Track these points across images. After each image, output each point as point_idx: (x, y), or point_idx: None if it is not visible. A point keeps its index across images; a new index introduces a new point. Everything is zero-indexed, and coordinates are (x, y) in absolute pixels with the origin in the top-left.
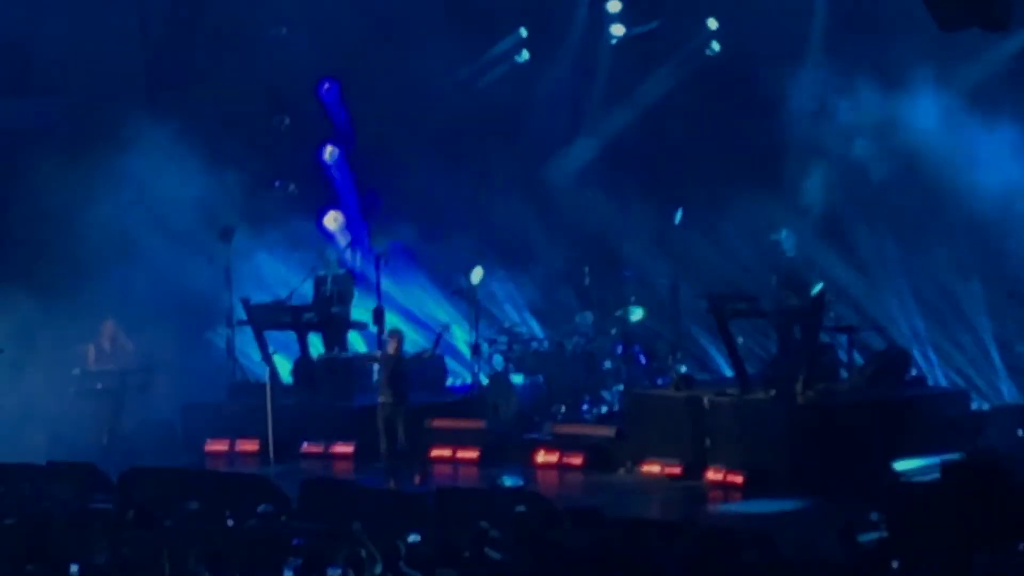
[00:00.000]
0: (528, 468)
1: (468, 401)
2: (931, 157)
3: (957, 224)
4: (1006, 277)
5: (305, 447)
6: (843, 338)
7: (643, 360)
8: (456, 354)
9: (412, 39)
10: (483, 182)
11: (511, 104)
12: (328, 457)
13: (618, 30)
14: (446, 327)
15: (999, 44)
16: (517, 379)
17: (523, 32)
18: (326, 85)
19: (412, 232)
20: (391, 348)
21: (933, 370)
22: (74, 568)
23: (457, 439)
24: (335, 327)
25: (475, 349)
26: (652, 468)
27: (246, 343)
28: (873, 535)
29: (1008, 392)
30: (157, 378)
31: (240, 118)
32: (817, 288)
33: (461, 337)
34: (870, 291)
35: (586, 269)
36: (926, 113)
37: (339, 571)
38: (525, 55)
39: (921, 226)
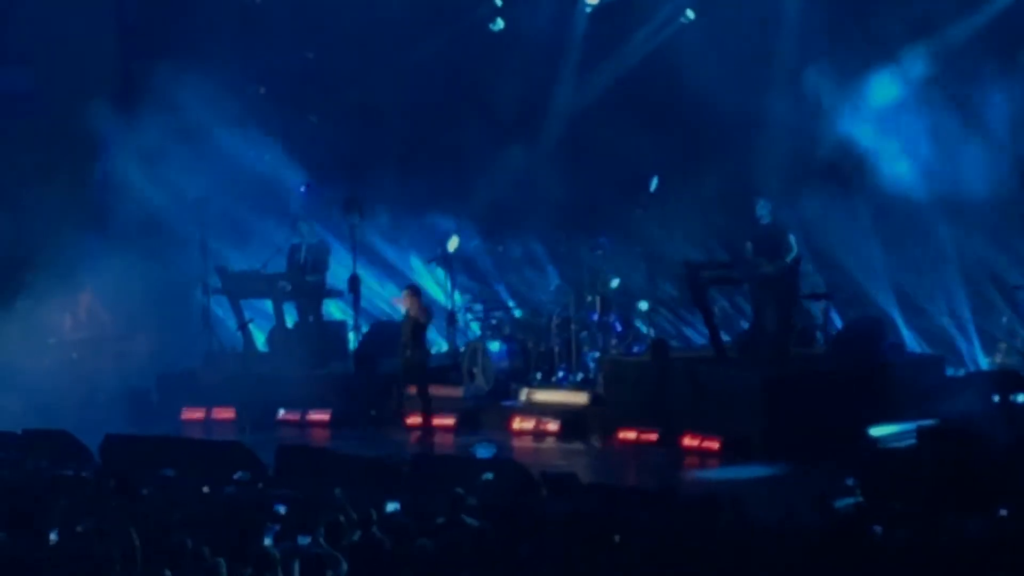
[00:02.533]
0: (504, 435)
1: (445, 368)
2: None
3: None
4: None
5: (281, 415)
6: (819, 305)
7: (619, 327)
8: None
9: (385, 6)
10: (459, 151)
11: (486, 72)
12: (304, 425)
13: None
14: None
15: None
16: (493, 346)
17: (498, 1)
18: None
19: (389, 201)
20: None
21: (910, 336)
22: (53, 536)
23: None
24: (310, 296)
25: (451, 318)
26: (628, 435)
27: (222, 311)
28: (849, 501)
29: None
30: (133, 347)
31: (214, 88)
32: (791, 256)
33: (437, 305)
34: (849, 257)
35: (562, 237)
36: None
37: (308, 539)
38: (500, 23)
39: (896, 193)
